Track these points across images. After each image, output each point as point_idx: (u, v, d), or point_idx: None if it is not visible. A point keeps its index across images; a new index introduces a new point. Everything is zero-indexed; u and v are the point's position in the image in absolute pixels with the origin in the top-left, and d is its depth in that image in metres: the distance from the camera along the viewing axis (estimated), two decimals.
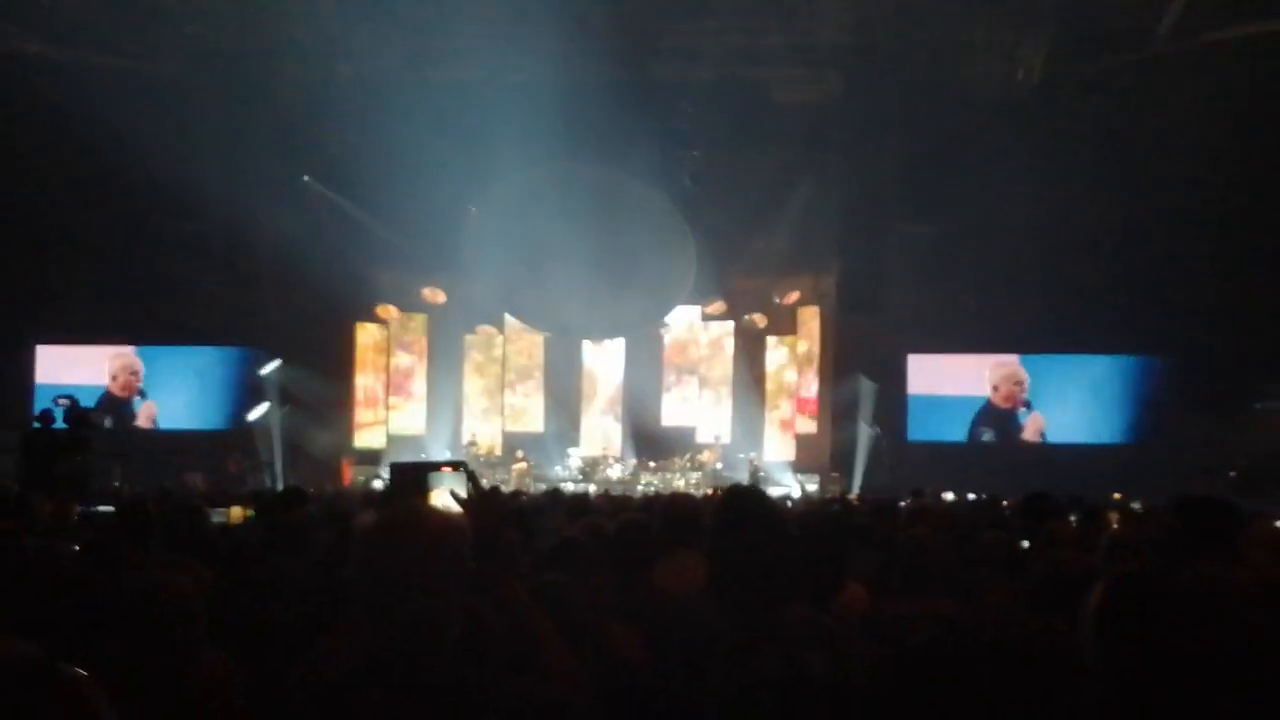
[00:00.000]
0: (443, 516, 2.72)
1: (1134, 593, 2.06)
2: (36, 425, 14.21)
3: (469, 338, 27.25)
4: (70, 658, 2.58)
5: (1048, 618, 3.79)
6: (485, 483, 3.10)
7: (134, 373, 25.83)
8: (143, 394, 25.70)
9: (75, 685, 1.90)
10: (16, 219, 22.10)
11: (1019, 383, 25.06)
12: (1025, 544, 5.94)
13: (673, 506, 5.57)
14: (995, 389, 25.09)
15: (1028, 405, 24.95)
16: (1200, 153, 20.15)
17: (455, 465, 3.12)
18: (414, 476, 3.14)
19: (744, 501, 3.60)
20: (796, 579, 3.46)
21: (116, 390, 25.66)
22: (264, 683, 3.31)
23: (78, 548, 5.31)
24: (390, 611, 2.53)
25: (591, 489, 20.90)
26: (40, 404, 17.80)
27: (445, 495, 2.91)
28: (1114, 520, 9.66)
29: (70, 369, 24.84)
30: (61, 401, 14.50)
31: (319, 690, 2.54)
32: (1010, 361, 25.06)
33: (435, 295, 26.56)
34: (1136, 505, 12.02)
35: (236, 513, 9.47)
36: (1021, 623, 3.76)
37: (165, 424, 25.70)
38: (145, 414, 25.73)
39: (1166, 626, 1.98)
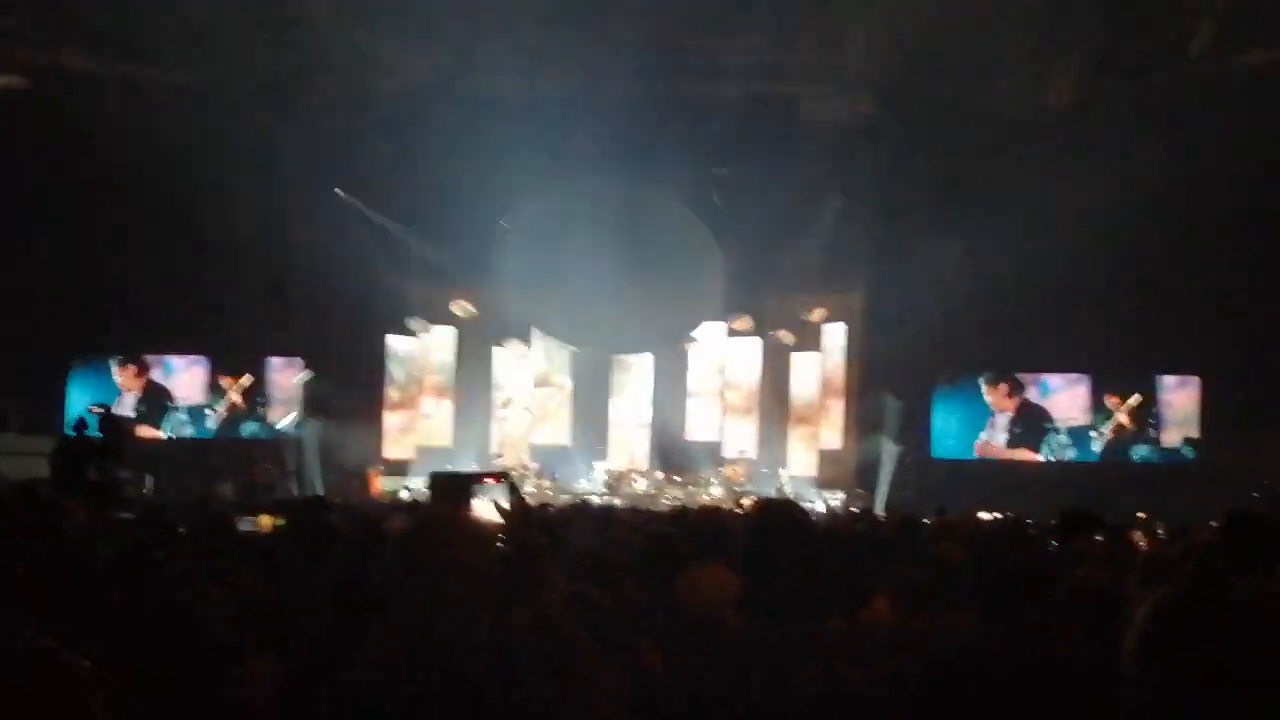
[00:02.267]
0: (473, 523, 2.78)
1: (1183, 614, 2.01)
2: (70, 433, 14.28)
3: (497, 350, 27.31)
4: (103, 661, 2.62)
5: (1076, 633, 3.82)
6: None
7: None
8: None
9: (76, 676, 1.92)
10: (48, 231, 22.25)
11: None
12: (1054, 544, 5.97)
13: (703, 519, 5.60)
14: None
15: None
16: (1231, 174, 20.10)
17: (498, 476, 3.06)
18: (457, 487, 3.07)
19: (779, 514, 3.58)
20: (829, 593, 3.44)
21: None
22: (295, 688, 3.35)
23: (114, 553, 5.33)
24: (420, 615, 2.56)
25: (617, 502, 20.94)
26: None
27: (488, 505, 2.88)
28: (1138, 539, 9.66)
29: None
30: (96, 409, 14.57)
31: (352, 694, 2.56)
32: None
33: (464, 308, 26.63)
34: (1160, 531, 11.97)
35: (266, 521, 9.52)
36: (1050, 639, 3.77)
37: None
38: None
39: (1217, 649, 1.94)
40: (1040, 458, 25.17)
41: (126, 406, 25.40)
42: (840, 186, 23.07)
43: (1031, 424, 25.32)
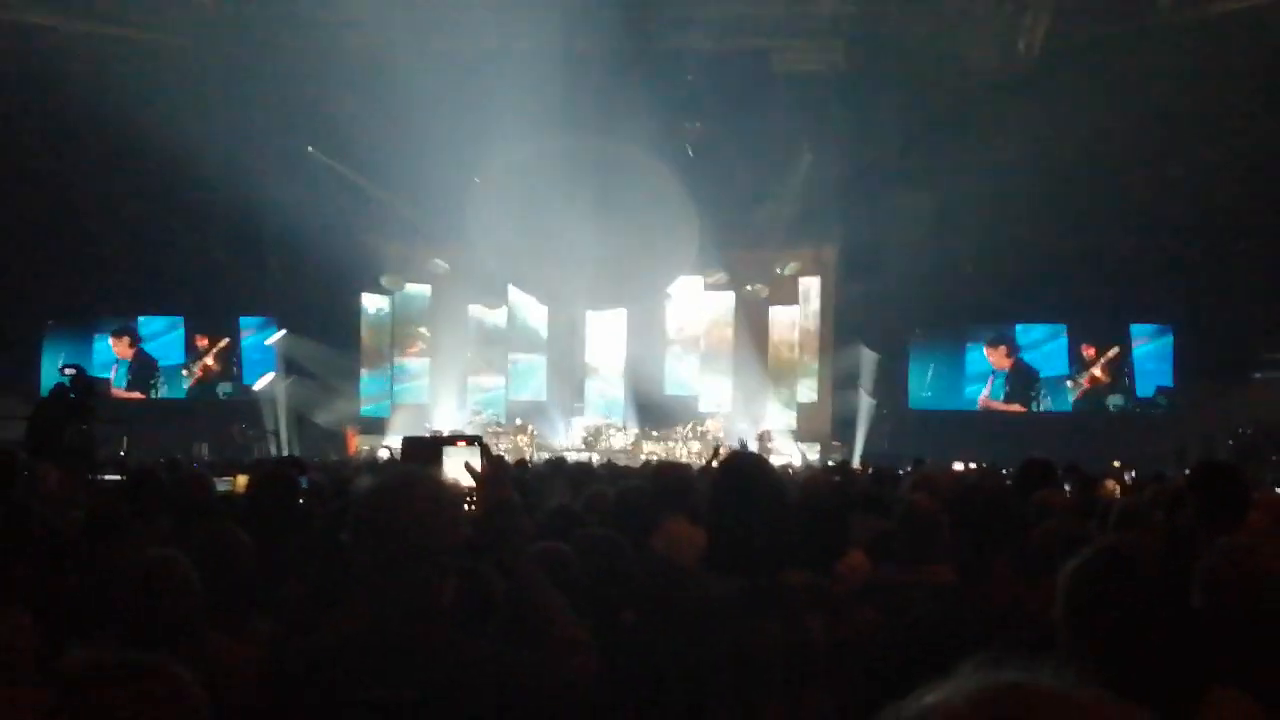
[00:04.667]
0: (436, 482, 2.72)
1: (1097, 576, 2.04)
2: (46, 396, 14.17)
3: (473, 308, 27.27)
4: (70, 631, 2.62)
5: (1046, 585, 3.84)
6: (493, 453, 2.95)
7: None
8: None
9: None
10: (21, 191, 22.06)
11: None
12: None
13: (662, 473, 5.60)
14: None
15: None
16: (1201, 122, 20.12)
17: (470, 440, 2.99)
18: (427, 450, 3.02)
19: (744, 468, 3.56)
20: (797, 546, 3.43)
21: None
22: (264, 652, 3.36)
23: (84, 517, 5.30)
24: (384, 577, 2.53)
25: (595, 458, 20.95)
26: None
27: (459, 467, 2.82)
28: (1112, 488, 9.72)
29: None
30: (67, 370, 14.45)
31: (318, 657, 2.55)
32: None
33: (440, 266, 26.58)
34: (1129, 477, 12.06)
35: (242, 481, 9.47)
36: (1020, 590, 3.80)
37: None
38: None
39: (1126, 610, 1.97)
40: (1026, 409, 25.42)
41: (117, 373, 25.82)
42: (813, 139, 22.98)
43: (1022, 381, 25.58)
